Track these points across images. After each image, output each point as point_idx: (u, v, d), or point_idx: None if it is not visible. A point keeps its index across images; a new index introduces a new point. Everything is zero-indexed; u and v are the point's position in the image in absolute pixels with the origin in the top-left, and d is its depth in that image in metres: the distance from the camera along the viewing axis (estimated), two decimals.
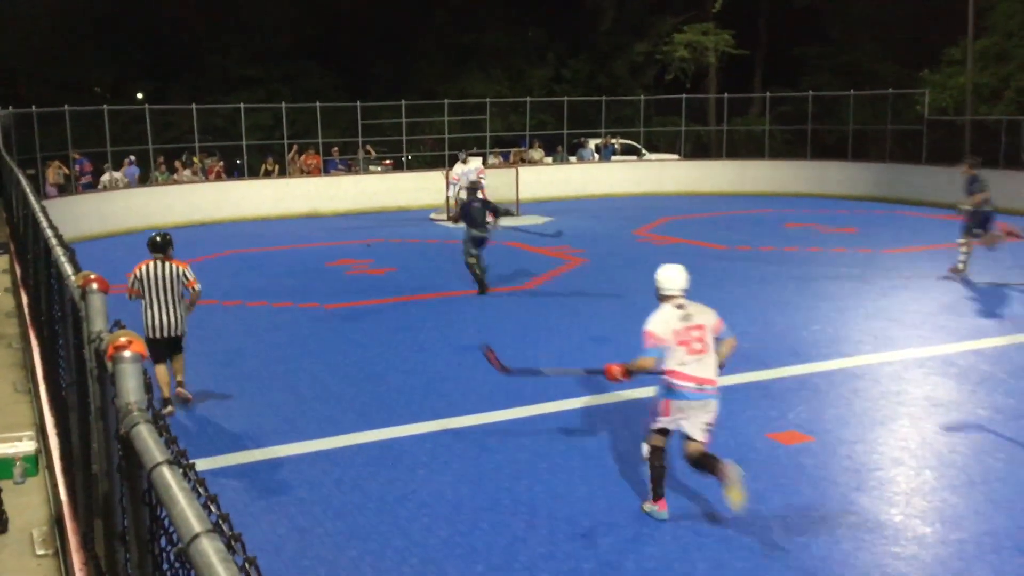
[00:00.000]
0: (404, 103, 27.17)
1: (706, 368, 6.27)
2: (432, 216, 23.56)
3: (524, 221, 22.63)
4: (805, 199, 25.98)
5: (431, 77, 37.41)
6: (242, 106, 25.64)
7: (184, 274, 8.73)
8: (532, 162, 28.74)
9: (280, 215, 24.52)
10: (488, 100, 29.31)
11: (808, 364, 10.03)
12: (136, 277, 8.62)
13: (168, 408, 8.57)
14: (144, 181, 24.69)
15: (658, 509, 6.40)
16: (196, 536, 1.53)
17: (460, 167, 22.53)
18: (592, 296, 13.50)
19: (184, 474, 1.81)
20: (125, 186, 23.81)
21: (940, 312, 12.32)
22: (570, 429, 8.09)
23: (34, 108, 21.93)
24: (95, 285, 3.21)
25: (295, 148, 26.64)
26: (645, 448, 6.44)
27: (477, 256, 13.71)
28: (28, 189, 9.77)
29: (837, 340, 11.02)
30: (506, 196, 24.16)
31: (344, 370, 10.08)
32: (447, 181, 22.67)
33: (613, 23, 39.08)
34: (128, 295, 8.65)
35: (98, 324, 3.09)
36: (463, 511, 6.47)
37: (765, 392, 9.08)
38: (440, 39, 38.99)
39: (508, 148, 30.25)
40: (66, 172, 22.88)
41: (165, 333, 8.62)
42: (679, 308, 6.38)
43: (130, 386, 2.24)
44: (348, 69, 37.56)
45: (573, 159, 30.13)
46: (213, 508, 1.68)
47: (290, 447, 7.77)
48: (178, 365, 8.91)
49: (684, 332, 6.27)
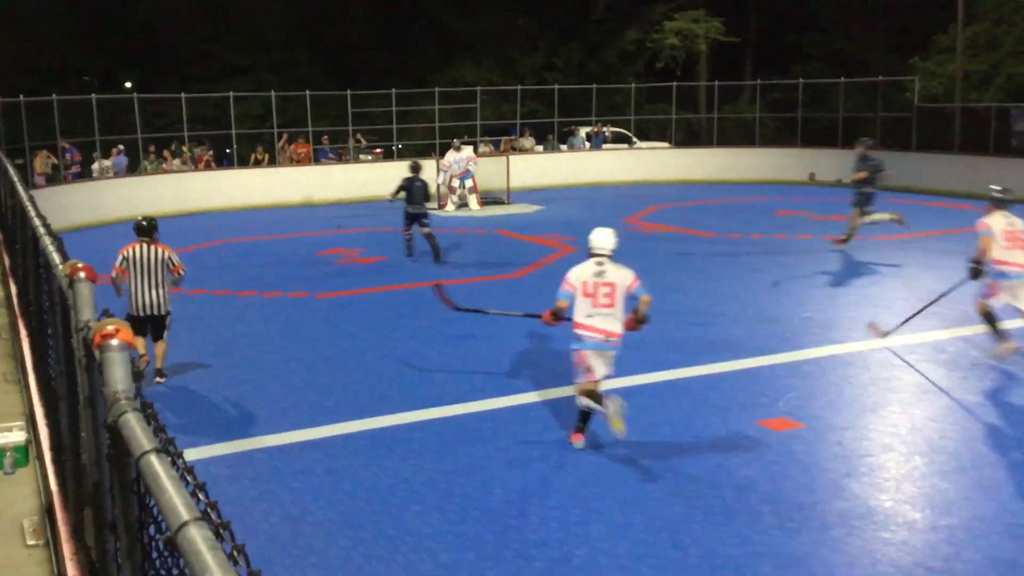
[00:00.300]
0: (395, 91, 27.08)
1: (611, 323, 7.11)
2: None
3: (515, 210, 22.60)
4: (795, 187, 26.00)
5: (422, 65, 37.28)
6: (231, 95, 25.52)
7: (170, 259, 9.24)
8: (523, 150, 28.71)
9: (270, 204, 24.44)
10: (479, 88, 29.25)
11: (798, 351, 10.05)
12: (124, 258, 9.14)
13: (144, 358, 9.03)
14: (133, 170, 24.59)
15: (575, 440, 7.36)
16: (184, 524, 1.52)
17: (452, 155, 22.49)
18: None
19: (172, 462, 1.80)
20: (113, 175, 23.70)
21: (930, 299, 12.32)
22: (561, 418, 8.09)
23: (22, 97, 21.79)
24: (83, 274, 3.18)
25: (285, 137, 26.54)
26: (575, 393, 7.36)
27: (411, 228, 15.21)
28: (16, 178, 9.71)
29: (827, 327, 11.05)
30: (497, 184, 24.15)
31: (335, 359, 10.07)
32: (438, 168, 22.65)
33: (604, 11, 39.02)
34: (113, 274, 9.07)
35: (86, 313, 3.07)
36: (455, 500, 6.47)
37: (756, 379, 9.10)
38: (431, 27, 38.85)
39: (499, 136, 30.22)
40: (54, 162, 22.76)
41: (148, 311, 9.14)
42: (598, 265, 7.21)
43: (117, 374, 2.22)
44: (338, 57, 37.43)
45: (564, 147, 30.11)
46: (201, 496, 1.66)
47: (281, 436, 7.75)
48: (159, 351, 9.28)
49: (593, 286, 7.12)
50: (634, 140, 31.57)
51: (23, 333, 7.91)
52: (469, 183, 22.66)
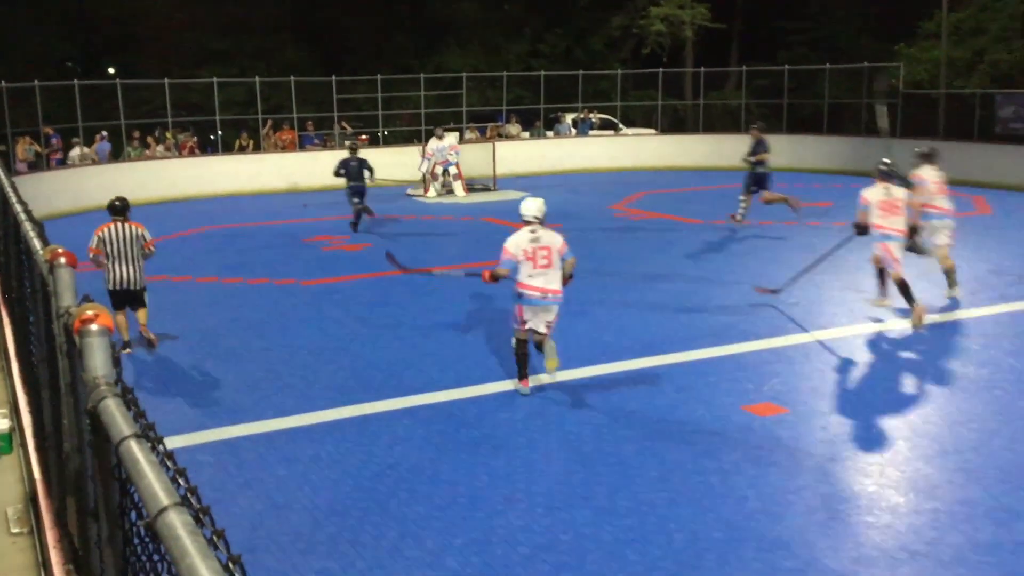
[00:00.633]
0: (380, 78, 26.95)
1: (550, 281, 8.00)
2: (409, 192, 23.44)
3: (501, 196, 22.56)
4: (781, 173, 25.99)
5: (407, 51, 37.15)
6: (215, 80, 25.34)
7: (143, 235, 9.79)
8: (509, 137, 28.66)
9: (255, 191, 24.32)
10: (464, 75, 29.15)
11: (784, 337, 10.09)
12: (100, 238, 9.62)
13: (127, 349, 9.64)
14: (117, 157, 24.41)
15: (523, 387, 8.24)
16: (164, 509, 1.51)
17: (435, 143, 22.45)
18: None
19: (152, 448, 1.78)
20: (93, 162, 23.50)
21: (913, 284, 12.38)
22: (548, 404, 8.10)
23: (3, 83, 21.59)
24: (63, 259, 3.16)
25: (270, 123, 26.40)
26: (513, 340, 8.33)
27: (360, 201, 17.50)
28: None
29: (812, 313, 11.09)
30: (483, 171, 24.10)
31: (321, 346, 10.04)
32: (422, 156, 22.61)
33: None
34: (90, 253, 9.52)
35: (66, 299, 3.04)
36: (441, 486, 6.47)
37: (741, 365, 9.13)
38: (416, 12, 38.67)
39: (485, 123, 30.14)
40: (37, 149, 22.58)
41: (126, 286, 9.67)
42: (532, 232, 8.04)
43: (97, 360, 2.20)
44: (323, 43, 37.21)
45: (550, 134, 30.07)
46: (181, 481, 1.65)
47: (267, 423, 7.74)
48: (141, 314, 9.86)
49: (532, 251, 7.96)
50: (620, 127, 31.54)
51: (6, 321, 7.86)
52: (453, 170, 22.64)
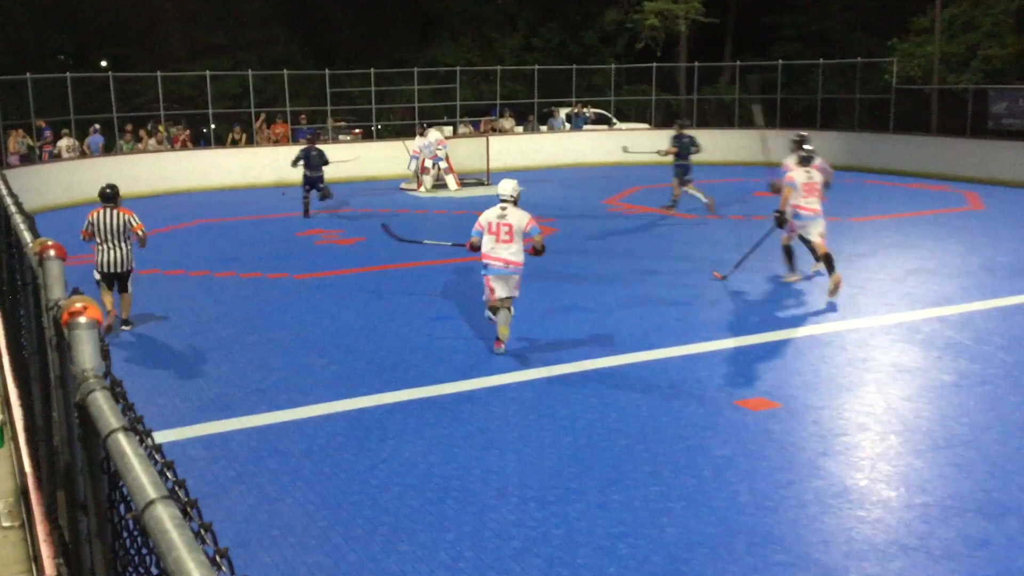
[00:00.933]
0: (373, 71, 26.90)
1: (512, 253, 9.09)
2: (402, 186, 23.42)
3: (495, 190, 22.52)
4: (774, 168, 26.03)
5: (400, 45, 37.06)
6: (208, 74, 25.27)
7: (130, 221, 10.29)
8: (503, 131, 28.62)
9: (248, 184, 24.26)
10: (458, 69, 29.11)
11: (776, 331, 10.11)
12: (90, 222, 10.24)
13: (110, 331, 10.07)
14: (109, 150, 24.33)
15: (497, 347, 9.23)
16: (151, 502, 1.50)
17: (420, 140, 22.47)
18: (561, 265, 13.48)
19: (140, 440, 1.77)
20: (83, 155, 23.40)
21: (905, 279, 12.44)
22: (540, 399, 8.10)
23: None
24: (52, 252, 3.14)
25: (263, 117, 26.33)
26: (488, 312, 9.41)
27: (310, 191, 18.50)
28: None
29: (804, 307, 11.10)
30: (477, 165, 24.08)
31: (314, 340, 10.03)
32: (409, 153, 22.62)
33: None
34: (82, 237, 10.24)
35: (55, 291, 3.02)
36: (433, 480, 6.47)
37: (733, 359, 9.14)
38: (409, 6, 38.58)
39: (478, 117, 30.10)
40: (29, 142, 22.49)
41: (113, 268, 10.25)
42: (501, 209, 9.21)
43: (86, 353, 2.18)
44: (316, 37, 37.10)
45: (544, 128, 30.04)
46: (169, 474, 1.64)
47: (260, 417, 7.72)
48: (125, 303, 10.43)
49: (496, 226, 9.13)
50: (614, 121, 31.52)
51: None
52: (443, 165, 22.64)
